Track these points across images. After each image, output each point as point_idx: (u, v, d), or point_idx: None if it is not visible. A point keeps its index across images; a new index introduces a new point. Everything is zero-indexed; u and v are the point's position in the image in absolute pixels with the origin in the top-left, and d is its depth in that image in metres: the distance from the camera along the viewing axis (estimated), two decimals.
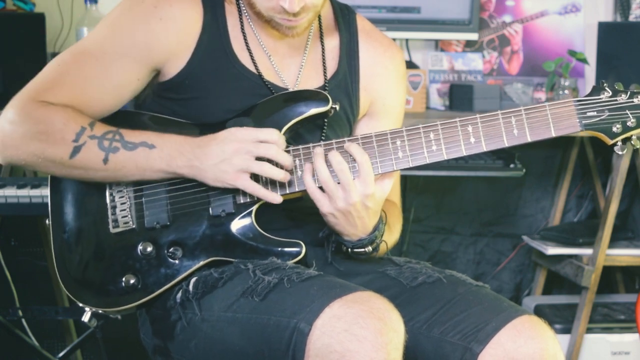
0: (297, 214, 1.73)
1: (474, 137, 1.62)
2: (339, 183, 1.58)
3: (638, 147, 1.64)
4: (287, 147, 1.63)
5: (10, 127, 1.58)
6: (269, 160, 1.59)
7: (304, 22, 1.66)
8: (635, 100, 1.62)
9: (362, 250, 1.67)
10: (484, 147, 1.62)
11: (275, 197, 1.60)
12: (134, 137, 1.59)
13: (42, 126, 1.57)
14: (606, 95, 1.62)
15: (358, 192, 1.58)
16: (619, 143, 1.63)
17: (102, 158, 1.58)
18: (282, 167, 1.60)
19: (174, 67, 1.68)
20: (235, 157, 1.57)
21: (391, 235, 1.77)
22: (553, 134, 1.62)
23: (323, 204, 1.60)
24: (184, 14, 1.67)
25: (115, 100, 1.66)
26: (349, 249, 1.67)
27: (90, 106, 1.62)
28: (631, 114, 1.62)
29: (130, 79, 1.65)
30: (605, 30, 2.96)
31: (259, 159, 1.58)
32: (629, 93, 1.62)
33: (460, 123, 1.62)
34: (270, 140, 1.59)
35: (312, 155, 1.61)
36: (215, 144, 1.58)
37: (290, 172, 1.62)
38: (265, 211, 1.65)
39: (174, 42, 1.66)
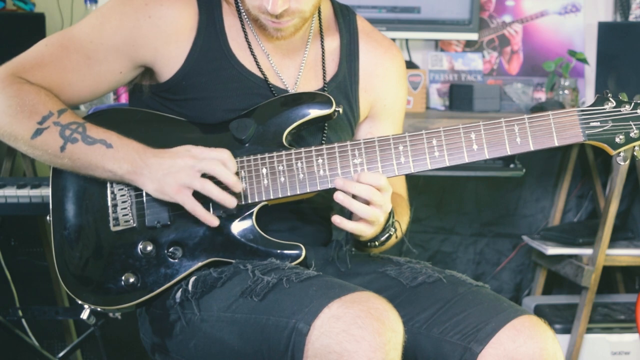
0: (298, 215, 1.73)
1: (476, 144, 1.62)
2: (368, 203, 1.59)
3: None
4: (288, 150, 1.63)
5: None
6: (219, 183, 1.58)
7: (290, 27, 1.66)
8: (639, 112, 1.62)
9: (387, 235, 1.68)
10: (487, 155, 1.62)
11: (213, 221, 1.60)
12: (95, 133, 1.61)
13: (14, 101, 1.60)
14: (610, 105, 1.62)
15: (389, 202, 1.61)
16: (622, 153, 1.64)
17: (60, 145, 1.60)
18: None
19: (168, 68, 1.68)
20: (182, 172, 1.57)
21: (402, 224, 1.78)
22: (556, 143, 1.63)
23: (365, 231, 1.61)
24: (175, 14, 1.67)
25: (93, 89, 1.69)
26: (376, 242, 1.68)
27: (66, 92, 1.66)
28: (634, 125, 1.62)
29: (111, 71, 1.68)
30: (605, 30, 2.95)
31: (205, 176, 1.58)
32: (632, 104, 1.62)
33: (464, 130, 1.62)
34: (218, 158, 1.59)
35: (347, 204, 1.59)
36: (168, 157, 1.59)
37: (238, 195, 1.60)
38: (266, 212, 1.65)
39: (163, 41, 1.67)
